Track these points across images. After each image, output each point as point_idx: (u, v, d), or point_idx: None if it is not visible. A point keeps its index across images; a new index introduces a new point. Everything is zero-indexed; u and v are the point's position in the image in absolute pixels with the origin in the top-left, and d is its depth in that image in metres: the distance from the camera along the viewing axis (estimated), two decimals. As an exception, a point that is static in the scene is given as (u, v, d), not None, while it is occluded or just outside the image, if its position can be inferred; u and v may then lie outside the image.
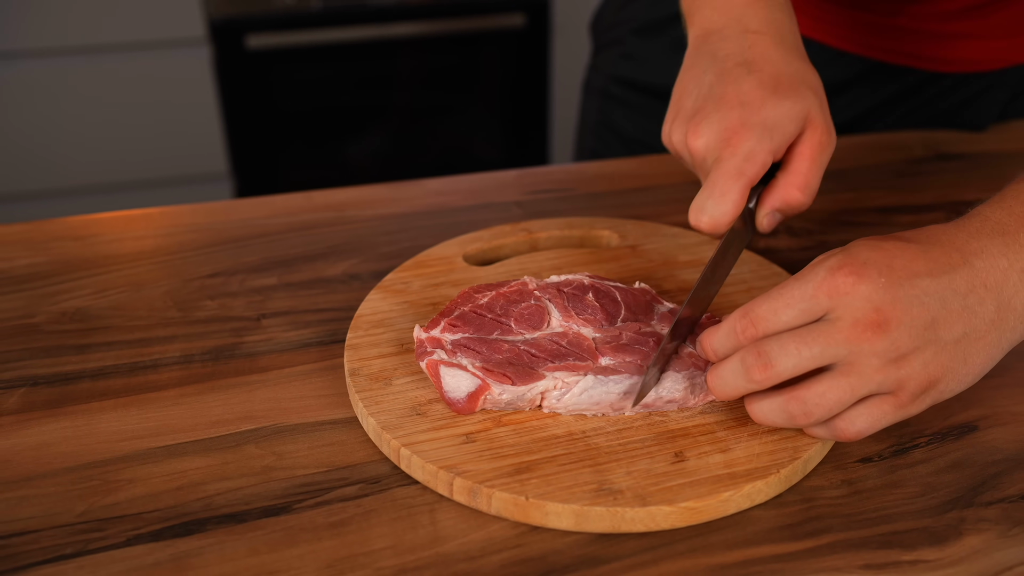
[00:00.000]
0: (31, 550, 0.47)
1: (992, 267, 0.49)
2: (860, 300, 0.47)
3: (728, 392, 0.50)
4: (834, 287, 0.47)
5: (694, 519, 0.49)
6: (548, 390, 0.53)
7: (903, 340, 0.47)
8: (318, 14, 1.91)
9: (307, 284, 0.69)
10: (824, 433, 0.50)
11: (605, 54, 1.06)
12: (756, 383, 0.49)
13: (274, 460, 0.53)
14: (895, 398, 0.48)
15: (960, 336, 0.48)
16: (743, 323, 0.49)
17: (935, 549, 0.48)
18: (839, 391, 0.47)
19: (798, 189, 0.58)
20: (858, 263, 0.48)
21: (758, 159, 0.56)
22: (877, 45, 0.90)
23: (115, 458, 0.53)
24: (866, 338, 0.47)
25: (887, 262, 0.48)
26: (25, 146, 1.86)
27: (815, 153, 0.57)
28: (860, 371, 0.47)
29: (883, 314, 0.47)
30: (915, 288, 0.47)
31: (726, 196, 0.55)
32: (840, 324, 0.47)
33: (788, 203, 0.58)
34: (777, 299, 0.49)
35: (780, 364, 0.48)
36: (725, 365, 0.50)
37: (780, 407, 0.49)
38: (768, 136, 0.56)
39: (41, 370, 0.60)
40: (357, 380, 0.56)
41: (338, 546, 0.48)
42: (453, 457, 0.50)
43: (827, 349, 0.47)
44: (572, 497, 0.48)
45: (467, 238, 0.71)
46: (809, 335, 0.47)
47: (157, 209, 0.79)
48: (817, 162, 0.58)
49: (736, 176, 0.55)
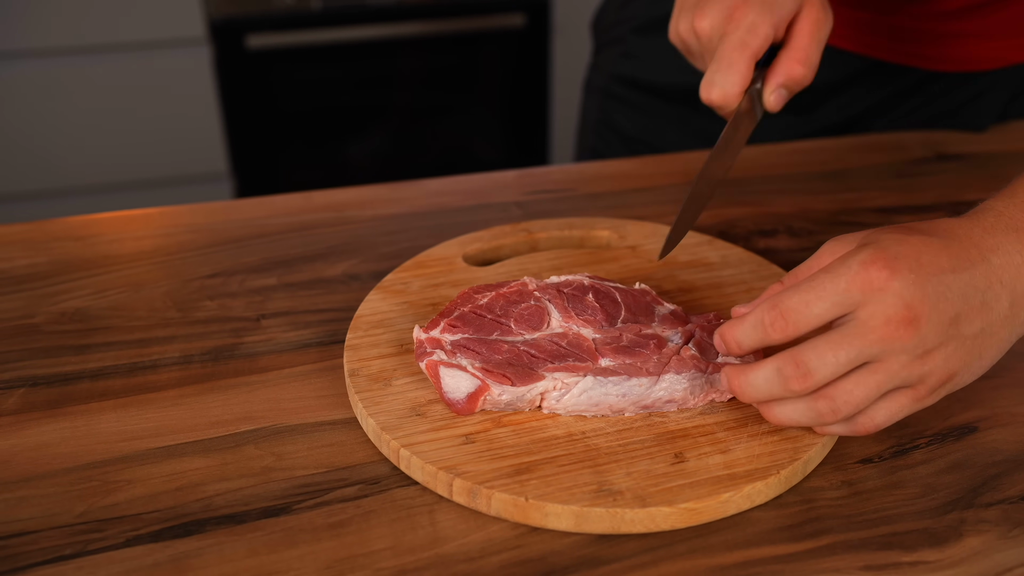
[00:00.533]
0: (30, 551, 0.47)
1: (1007, 264, 0.49)
2: (892, 296, 0.47)
3: (757, 398, 0.50)
4: (868, 281, 0.47)
5: (694, 520, 0.49)
6: (548, 391, 0.53)
7: (930, 336, 0.47)
8: (318, 14, 1.90)
9: (307, 284, 0.69)
10: (842, 429, 0.50)
11: (606, 53, 1.06)
12: (793, 393, 0.49)
13: (273, 461, 0.53)
14: (914, 391, 0.49)
15: (978, 331, 0.49)
16: (772, 315, 0.49)
17: (935, 550, 0.48)
18: (867, 388, 0.48)
19: (799, 63, 0.62)
20: (890, 257, 0.48)
21: (760, 31, 0.60)
22: (876, 44, 0.90)
23: (114, 459, 0.53)
24: (899, 336, 0.47)
25: (915, 257, 0.48)
26: (24, 146, 1.86)
27: (813, 29, 0.62)
28: (888, 367, 0.48)
29: (914, 311, 0.47)
30: (941, 284, 0.48)
31: (733, 66, 0.59)
32: (873, 323, 0.47)
33: (791, 77, 0.62)
34: (808, 291, 0.48)
35: (819, 373, 0.48)
36: (757, 373, 0.49)
37: (808, 407, 0.49)
38: (768, 10, 0.60)
39: (40, 370, 0.60)
40: (357, 381, 0.56)
41: (338, 547, 0.48)
42: (453, 458, 0.50)
43: (863, 350, 0.47)
44: (572, 498, 0.48)
45: (467, 238, 0.70)
46: (844, 339, 0.47)
47: (157, 209, 0.79)
48: (816, 37, 0.62)
49: (741, 47, 0.60)
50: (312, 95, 2.01)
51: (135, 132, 1.90)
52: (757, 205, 0.80)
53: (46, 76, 1.80)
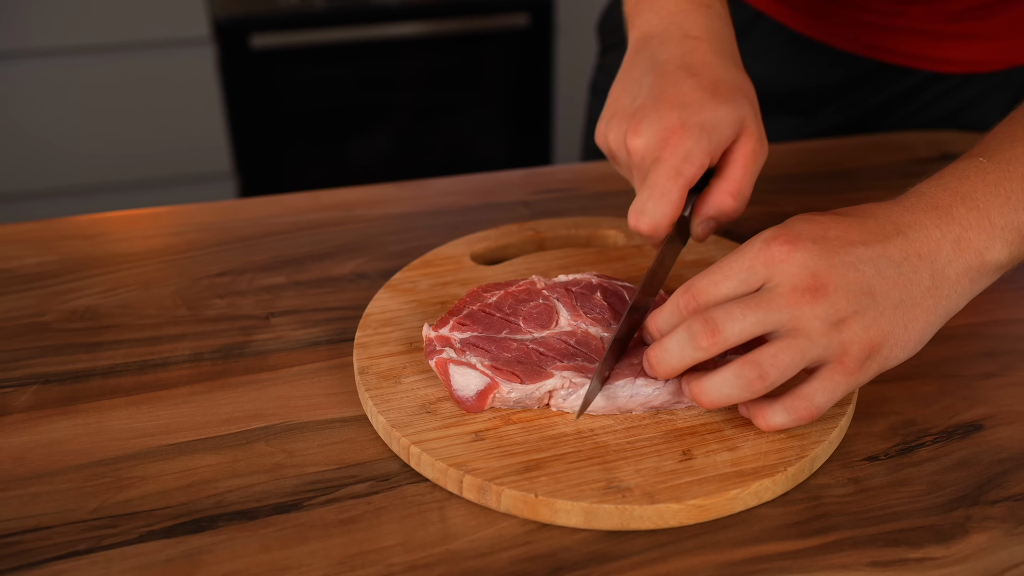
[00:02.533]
0: (44, 546, 0.47)
1: (925, 237, 0.50)
2: (796, 267, 0.49)
3: (672, 364, 0.50)
4: (770, 256, 0.49)
5: (702, 517, 0.49)
6: (556, 389, 0.53)
7: (841, 304, 0.48)
8: (322, 14, 1.91)
9: (315, 283, 0.69)
10: (784, 418, 0.50)
11: (612, 54, 1.06)
12: (703, 350, 0.49)
13: (284, 458, 0.53)
14: (842, 365, 0.49)
15: (897, 302, 0.50)
16: (685, 298, 0.51)
17: (941, 547, 0.48)
18: (790, 352, 0.48)
19: (731, 196, 0.58)
20: (792, 234, 0.49)
21: (696, 160, 0.56)
22: (879, 46, 0.90)
23: (126, 455, 0.53)
24: (806, 301, 0.48)
25: (821, 232, 0.50)
26: (30, 145, 1.86)
27: (748, 161, 0.58)
28: (806, 333, 0.48)
29: (819, 279, 0.48)
30: (850, 255, 0.49)
31: (666, 196, 0.56)
32: (780, 290, 0.49)
33: (722, 210, 0.59)
34: (716, 272, 0.50)
35: (727, 329, 0.49)
36: (670, 338, 0.50)
37: (734, 374, 0.49)
38: (706, 138, 0.57)
39: (52, 368, 0.60)
40: (366, 378, 0.56)
41: (348, 543, 0.48)
42: (462, 455, 0.51)
43: (770, 314, 0.48)
44: (581, 495, 0.48)
45: (474, 237, 0.71)
46: (752, 301, 0.49)
47: (165, 208, 0.79)
48: (750, 169, 0.59)
49: (675, 176, 0.56)
50: (316, 94, 2.01)
51: (139, 131, 1.91)
52: (763, 205, 0.81)
53: (51, 75, 1.81)
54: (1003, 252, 0.51)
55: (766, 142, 0.60)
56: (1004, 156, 0.53)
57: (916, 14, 0.87)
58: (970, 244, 0.51)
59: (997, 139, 0.55)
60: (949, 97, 0.94)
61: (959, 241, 0.51)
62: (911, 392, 0.59)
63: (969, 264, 0.51)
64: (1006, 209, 0.51)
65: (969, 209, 0.51)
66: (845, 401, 0.55)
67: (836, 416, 0.54)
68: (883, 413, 0.57)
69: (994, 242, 0.51)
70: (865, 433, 0.56)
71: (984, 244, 0.51)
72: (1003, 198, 0.51)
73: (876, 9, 0.88)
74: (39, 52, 1.79)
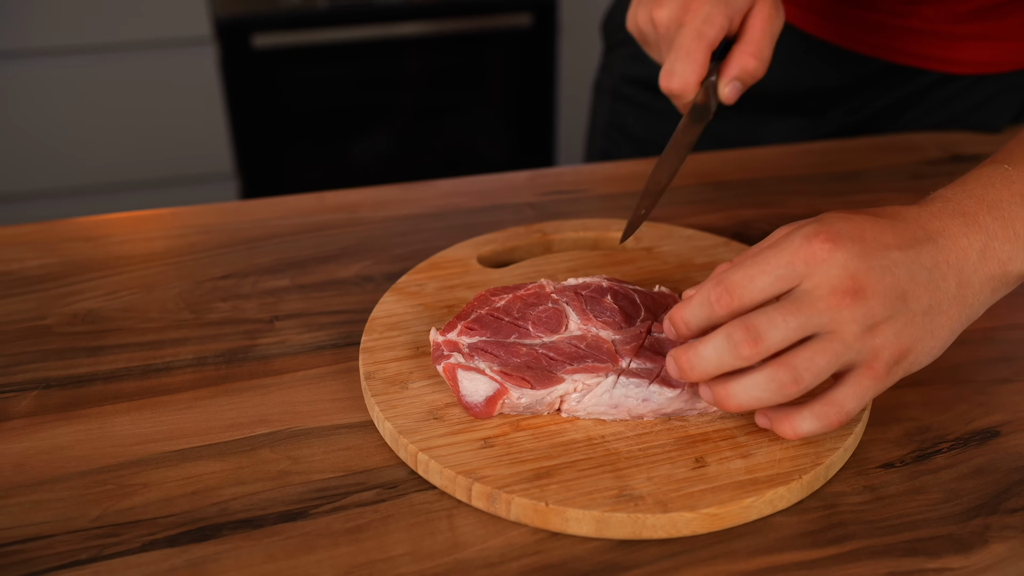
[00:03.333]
0: (46, 555, 0.47)
1: (953, 245, 0.50)
2: (837, 267, 0.48)
3: (709, 371, 0.49)
4: (811, 253, 0.48)
5: (716, 525, 0.48)
6: (567, 393, 0.52)
7: (877, 308, 0.48)
8: (324, 13, 1.90)
9: (320, 286, 0.68)
10: (814, 425, 0.49)
11: (616, 54, 1.06)
12: (744, 359, 0.48)
13: (289, 464, 0.52)
14: (871, 370, 0.48)
15: (927, 308, 0.49)
16: (717, 291, 0.49)
17: (960, 557, 0.47)
18: (825, 355, 0.48)
19: (752, 56, 0.65)
20: (832, 232, 0.49)
21: (716, 21, 0.63)
22: (889, 46, 0.90)
23: (129, 462, 0.52)
24: (845, 304, 0.47)
25: (859, 233, 0.49)
26: (31, 145, 1.85)
27: (766, 24, 0.65)
28: (841, 337, 0.48)
29: (859, 281, 0.48)
30: (886, 259, 0.49)
31: (691, 56, 0.63)
32: (819, 292, 0.48)
33: (745, 70, 0.65)
34: (752, 266, 0.49)
35: (769, 337, 0.48)
36: (706, 343, 0.49)
37: (768, 377, 0.48)
38: (723, 2, 0.63)
39: (53, 372, 0.59)
40: (373, 384, 0.55)
41: (356, 552, 0.47)
42: (471, 462, 0.50)
43: (811, 318, 0.47)
44: (592, 503, 0.48)
45: (481, 240, 0.70)
46: (792, 306, 0.48)
47: (168, 210, 0.78)
48: (768, 32, 0.65)
49: (698, 37, 0.63)
50: (318, 94, 2.00)
51: (141, 131, 1.90)
52: (772, 206, 0.80)
53: (52, 75, 1.80)
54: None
55: (782, 8, 0.66)
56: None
57: (927, 15, 0.87)
58: (995, 254, 0.51)
59: (1021, 146, 0.54)
60: (959, 98, 0.93)
61: (985, 250, 0.50)
62: (926, 398, 0.58)
63: (992, 273, 0.51)
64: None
65: (995, 218, 0.51)
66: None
67: (851, 422, 0.53)
68: (898, 419, 0.56)
69: (1018, 252, 0.51)
70: (880, 440, 0.55)
71: (1008, 255, 0.51)
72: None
73: (886, 10, 0.87)
74: (40, 52, 1.78)
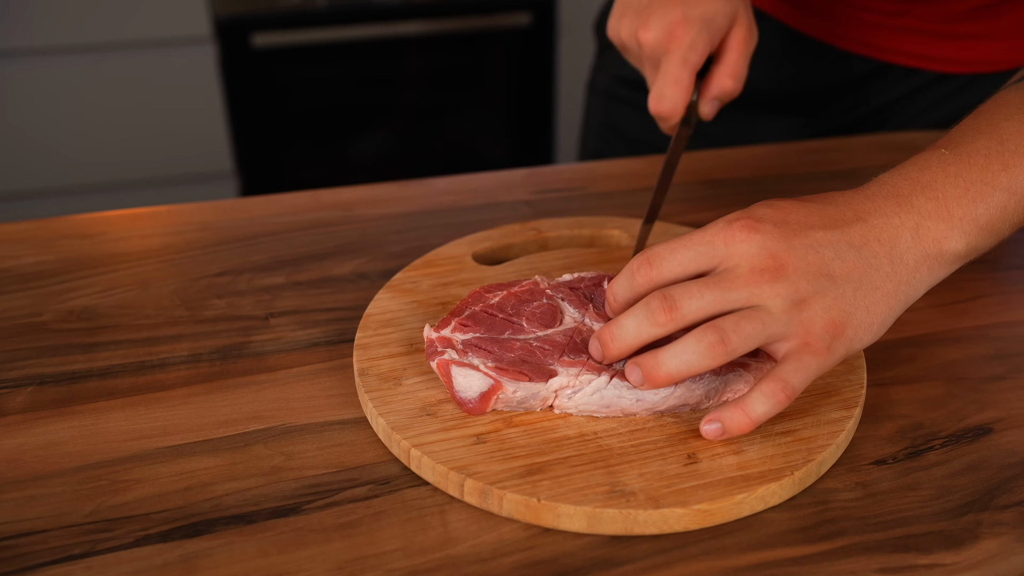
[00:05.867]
0: (39, 550, 0.47)
1: (885, 224, 0.51)
2: (756, 247, 0.50)
3: (629, 342, 0.51)
4: (731, 235, 0.50)
5: (707, 521, 0.48)
6: (562, 388, 0.52)
7: (802, 284, 0.49)
8: (324, 13, 1.90)
9: (315, 283, 0.68)
10: (764, 404, 0.49)
11: (610, 54, 1.06)
12: (660, 325, 0.50)
13: (283, 460, 0.52)
14: (808, 346, 0.49)
15: (857, 285, 0.50)
16: (639, 261, 0.52)
17: (951, 553, 0.48)
18: (751, 322, 0.49)
19: (730, 77, 0.68)
20: (754, 217, 0.51)
21: (699, 48, 0.66)
22: (883, 46, 0.90)
23: (123, 458, 0.52)
24: (765, 280, 0.49)
25: (782, 217, 0.51)
26: (30, 144, 1.86)
27: (742, 46, 0.68)
28: (767, 310, 0.49)
29: (778, 260, 0.49)
30: (809, 239, 0.50)
31: (679, 83, 0.66)
32: (739, 271, 0.50)
33: (724, 90, 0.69)
34: (675, 242, 0.51)
35: (685, 306, 0.49)
36: (627, 315, 0.51)
37: (696, 339, 0.49)
38: (706, 29, 0.66)
39: (48, 369, 0.59)
40: (366, 380, 0.55)
41: (348, 547, 0.47)
42: (464, 458, 0.50)
43: (728, 293, 0.49)
44: (584, 499, 0.48)
45: (476, 237, 0.70)
46: (711, 280, 0.50)
47: (164, 207, 0.79)
48: (744, 54, 0.68)
49: (683, 64, 0.66)
50: (317, 94, 2.00)
51: (140, 130, 1.90)
52: (767, 204, 0.80)
53: (51, 74, 1.80)
54: (961, 242, 0.52)
55: (756, 29, 0.70)
56: (966, 148, 0.53)
57: (921, 14, 0.87)
58: (929, 233, 0.51)
59: (961, 131, 0.55)
60: (954, 98, 0.93)
61: (918, 229, 0.51)
62: (919, 395, 0.58)
63: (927, 252, 0.51)
64: (964, 200, 0.52)
65: (929, 199, 0.52)
66: (851, 404, 0.54)
67: (843, 419, 0.53)
68: (890, 416, 0.56)
69: (952, 232, 0.52)
70: (872, 436, 0.55)
71: (943, 234, 0.52)
72: (962, 189, 0.52)
73: (880, 9, 0.87)
74: (40, 51, 1.78)
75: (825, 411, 0.54)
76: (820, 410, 0.54)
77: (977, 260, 0.69)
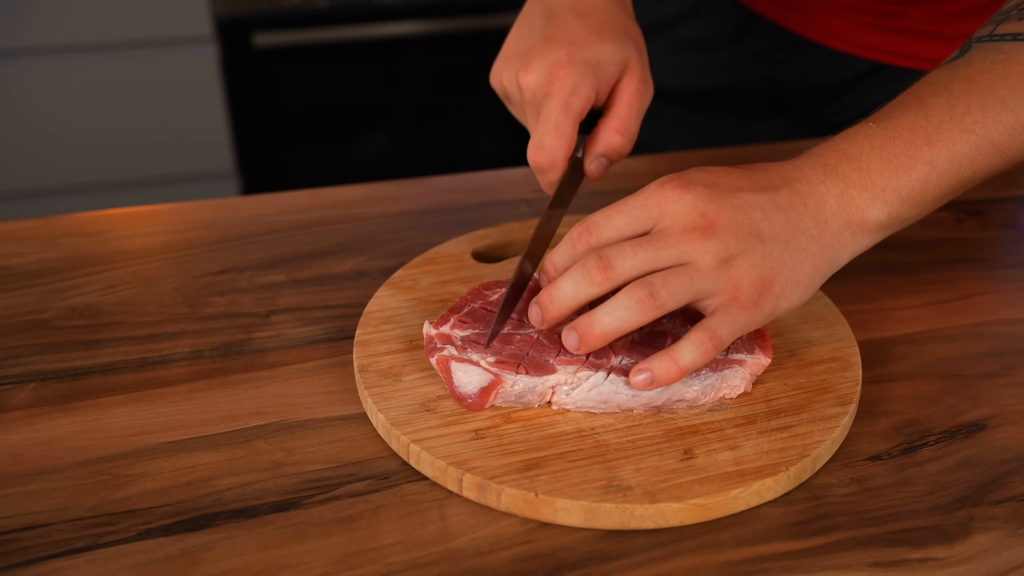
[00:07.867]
0: (43, 544, 0.47)
1: (811, 190, 0.53)
2: (687, 207, 0.51)
3: (567, 303, 0.52)
4: (663, 196, 0.52)
5: (703, 516, 0.49)
6: (559, 384, 0.53)
7: (731, 242, 0.51)
8: (325, 12, 1.91)
9: (316, 281, 0.69)
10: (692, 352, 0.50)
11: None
12: (596, 285, 0.51)
13: (283, 456, 0.53)
14: (736, 301, 0.51)
15: (784, 244, 0.52)
16: (578, 229, 0.53)
17: (944, 547, 0.48)
18: (679, 278, 0.50)
19: (618, 132, 0.62)
20: (685, 180, 0.52)
21: (583, 92, 0.60)
22: (878, 47, 0.90)
23: (125, 453, 0.53)
24: (695, 238, 0.51)
25: (712, 179, 0.53)
26: (32, 143, 1.86)
27: (632, 99, 0.62)
28: (696, 266, 0.51)
29: (708, 219, 0.51)
30: (738, 199, 0.52)
31: (560, 130, 0.59)
32: (671, 230, 0.51)
33: (611, 146, 0.62)
34: (611, 208, 0.53)
35: (619, 265, 0.51)
36: (565, 277, 0.52)
37: (626, 295, 0.50)
38: (592, 72, 0.60)
39: (51, 365, 0.60)
40: (366, 376, 0.56)
41: (347, 541, 0.48)
42: (462, 453, 0.50)
43: (660, 251, 0.51)
44: (581, 494, 0.48)
45: (475, 235, 0.71)
46: (644, 240, 0.51)
47: (166, 206, 0.79)
48: (635, 107, 0.62)
49: (565, 110, 0.59)
50: (318, 93, 2.01)
51: (142, 129, 1.90)
52: (765, 203, 0.80)
53: (53, 73, 1.81)
54: (883, 211, 0.53)
55: (651, 83, 0.64)
56: (893, 122, 0.55)
57: (915, 15, 0.87)
58: (852, 200, 0.53)
59: (890, 107, 0.57)
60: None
61: (843, 196, 0.53)
62: (914, 391, 0.59)
63: (851, 219, 0.53)
64: (888, 171, 0.53)
65: (853, 168, 0.54)
66: (847, 400, 0.55)
67: (838, 415, 0.54)
68: (886, 412, 0.57)
69: (875, 201, 0.53)
70: (867, 432, 0.55)
71: (866, 202, 0.53)
72: (886, 161, 0.53)
73: (874, 10, 0.87)
74: (40, 50, 1.78)
75: (820, 407, 0.54)
76: (815, 406, 0.54)
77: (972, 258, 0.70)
